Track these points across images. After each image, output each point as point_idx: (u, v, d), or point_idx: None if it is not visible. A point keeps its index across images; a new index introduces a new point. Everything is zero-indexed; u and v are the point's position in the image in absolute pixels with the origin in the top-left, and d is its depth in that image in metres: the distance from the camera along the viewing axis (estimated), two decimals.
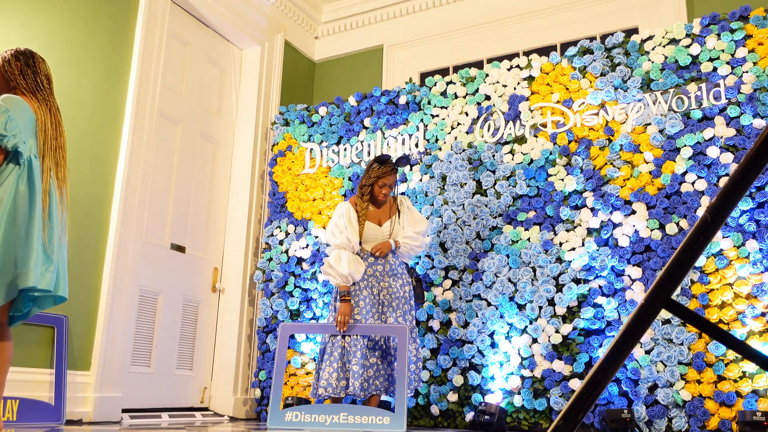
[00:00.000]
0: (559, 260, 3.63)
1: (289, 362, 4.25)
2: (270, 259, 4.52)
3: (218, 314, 4.61)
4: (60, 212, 2.53)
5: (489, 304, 3.75)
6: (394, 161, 3.61)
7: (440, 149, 4.18)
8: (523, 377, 3.57)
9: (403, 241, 3.53)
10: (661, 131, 3.57)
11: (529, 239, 3.73)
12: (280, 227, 4.57)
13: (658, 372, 3.24)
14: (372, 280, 3.50)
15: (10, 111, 2.39)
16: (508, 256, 3.74)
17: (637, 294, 3.40)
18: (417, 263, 3.99)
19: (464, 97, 4.21)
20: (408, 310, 3.49)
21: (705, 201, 3.38)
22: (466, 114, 4.17)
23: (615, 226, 3.55)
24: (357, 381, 3.29)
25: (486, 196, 3.94)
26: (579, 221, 3.64)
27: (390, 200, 3.68)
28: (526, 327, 3.62)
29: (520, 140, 3.95)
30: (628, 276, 3.45)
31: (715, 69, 3.52)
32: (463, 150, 4.07)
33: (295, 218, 4.55)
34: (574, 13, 4.69)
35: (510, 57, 4.63)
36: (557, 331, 3.52)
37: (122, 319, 3.70)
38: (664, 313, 3.23)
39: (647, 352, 3.31)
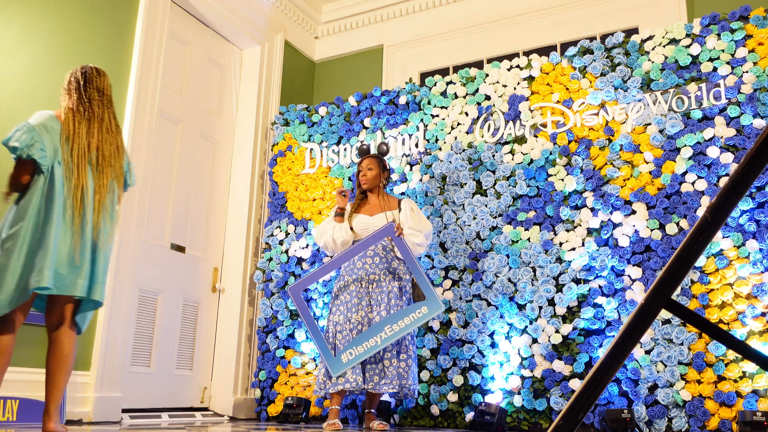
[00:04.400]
0: (559, 260, 3.63)
1: (289, 362, 4.26)
2: (270, 259, 4.52)
3: (218, 314, 4.61)
4: (100, 219, 2.57)
5: (489, 304, 3.75)
6: (371, 150, 3.77)
7: (440, 149, 4.18)
8: (523, 377, 3.57)
9: (405, 232, 3.53)
10: (661, 131, 3.57)
11: (529, 239, 3.73)
12: (280, 227, 4.57)
13: (658, 372, 3.24)
14: (361, 273, 3.50)
15: (30, 123, 2.52)
16: (508, 256, 3.74)
17: (637, 294, 3.40)
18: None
19: (464, 97, 4.21)
20: (394, 305, 3.44)
21: (705, 201, 3.38)
22: (466, 114, 4.17)
23: (615, 226, 3.55)
24: (360, 376, 3.30)
25: (486, 196, 3.94)
26: (579, 221, 3.64)
27: (388, 196, 3.72)
28: (526, 327, 3.62)
29: (520, 140, 3.94)
30: (628, 276, 3.45)
31: (715, 69, 3.52)
32: (463, 150, 4.07)
33: (295, 218, 4.55)
34: (574, 13, 4.69)
35: (510, 57, 4.63)
36: (557, 331, 3.52)
37: (122, 319, 3.70)
38: (664, 313, 3.23)
39: (647, 352, 3.31)
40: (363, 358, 3.32)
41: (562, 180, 3.74)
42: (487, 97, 4.14)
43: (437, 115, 4.27)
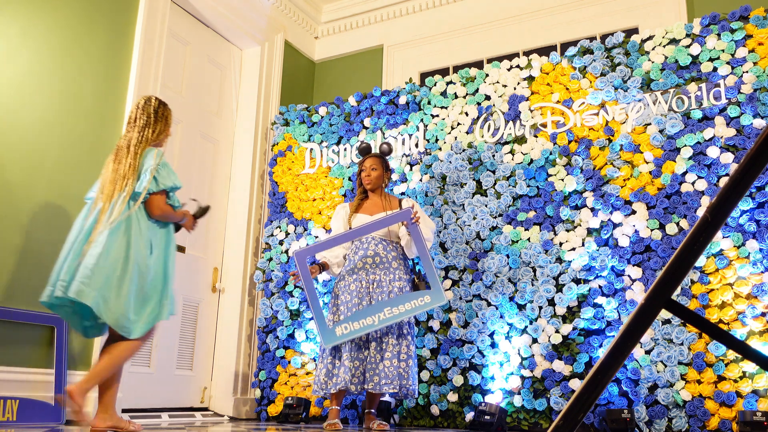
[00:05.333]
0: (559, 260, 3.63)
1: (289, 362, 4.26)
2: (270, 259, 4.52)
3: (218, 314, 4.61)
4: (98, 227, 2.74)
5: (489, 304, 3.75)
6: (372, 149, 3.79)
7: (440, 149, 4.18)
8: (523, 377, 3.57)
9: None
10: (661, 131, 3.57)
11: (529, 239, 3.73)
12: (280, 227, 4.57)
13: (658, 372, 3.24)
14: (361, 273, 3.50)
15: None
16: (508, 256, 3.74)
17: (637, 294, 3.40)
18: (418, 262, 3.98)
19: (464, 97, 4.20)
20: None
21: (705, 201, 3.38)
22: (466, 114, 4.17)
23: (615, 226, 3.55)
24: (347, 375, 3.31)
25: (486, 196, 3.94)
26: (579, 221, 3.64)
27: (389, 196, 3.72)
28: (526, 327, 3.62)
29: (520, 140, 3.95)
30: (628, 276, 3.45)
31: (715, 69, 3.52)
32: (463, 150, 4.07)
33: (295, 218, 4.55)
34: (574, 13, 4.69)
35: (510, 57, 4.63)
36: (557, 331, 3.52)
37: None
38: (664, 313, 3.24)
39: (647, 352, 3.31)
40: (358, 335, 3.31)
41: (562, 180, 3.74)
42: (487, 97, 4.14)
43: (437, 115, 4.27)
